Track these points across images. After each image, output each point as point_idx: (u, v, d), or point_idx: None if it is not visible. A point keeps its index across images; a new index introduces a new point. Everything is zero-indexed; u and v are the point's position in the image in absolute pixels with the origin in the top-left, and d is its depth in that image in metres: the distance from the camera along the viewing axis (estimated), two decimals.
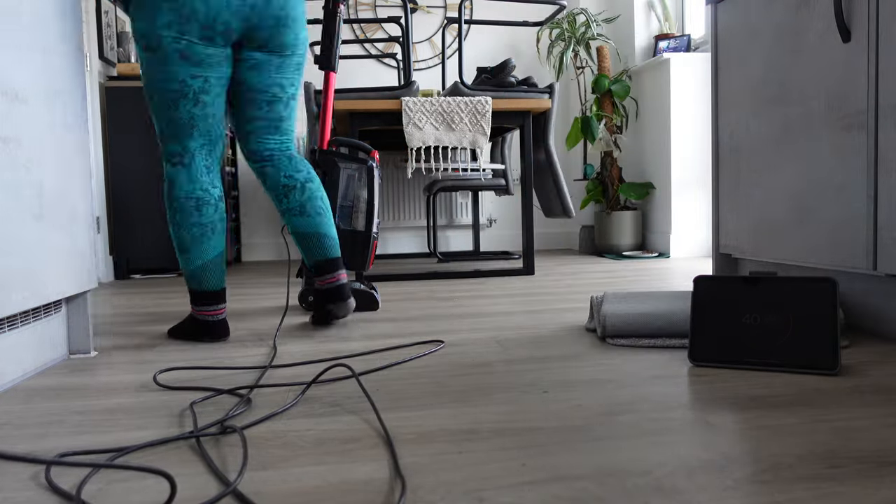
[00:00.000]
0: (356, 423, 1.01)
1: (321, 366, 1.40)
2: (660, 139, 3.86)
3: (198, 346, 1.62)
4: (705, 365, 1.29)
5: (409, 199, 4.43)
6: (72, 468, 0.86)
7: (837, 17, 1.49)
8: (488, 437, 0.93)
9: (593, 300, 1.70)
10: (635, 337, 1.52)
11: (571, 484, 0.77)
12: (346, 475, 0.82)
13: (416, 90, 2.96)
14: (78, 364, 1.47)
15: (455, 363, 1.38)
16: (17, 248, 1.28)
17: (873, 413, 0.99)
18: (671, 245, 3.73)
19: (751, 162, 1.85)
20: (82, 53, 1.57)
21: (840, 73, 1.52)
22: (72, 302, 1.56)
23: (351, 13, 4.34)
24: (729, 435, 0.91)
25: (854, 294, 1.62)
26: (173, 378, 1.32)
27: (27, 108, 1.33)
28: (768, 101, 1.77)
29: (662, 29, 4.10)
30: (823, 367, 1.20)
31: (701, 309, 1.33)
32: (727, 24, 1.94)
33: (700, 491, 0.74)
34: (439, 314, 2.00)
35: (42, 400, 1.19)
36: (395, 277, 2.96)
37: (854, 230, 1.50)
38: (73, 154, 1.51)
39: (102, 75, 3.36)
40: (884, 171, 1.42)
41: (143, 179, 3.37)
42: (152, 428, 1.02)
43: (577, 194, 4.53)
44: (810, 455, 0.84)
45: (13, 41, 1.29)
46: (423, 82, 4.46)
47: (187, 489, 0.79)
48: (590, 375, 1.25)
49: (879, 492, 0.73)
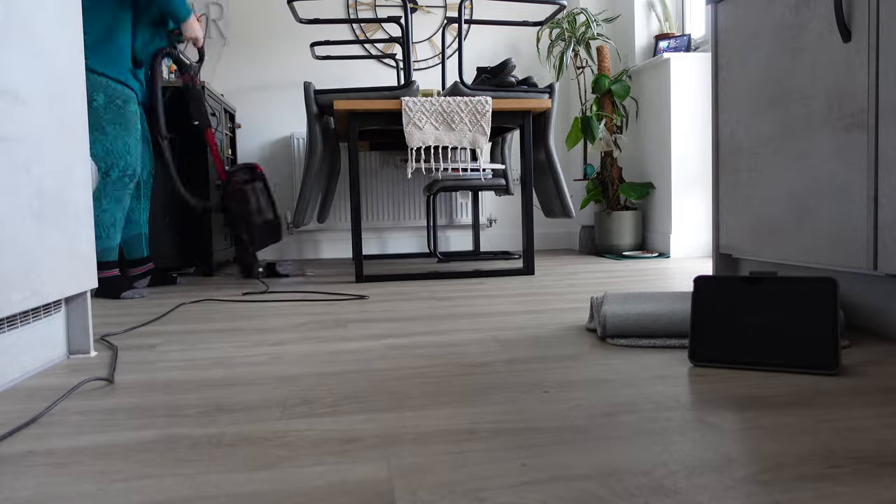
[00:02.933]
0: (356, 423, 1.01)
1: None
2: (660, 139, 3.86)
3: (198, 346, 1.62)
4: (705, 365, 1.29)
5: (409, 199, 4.43)
6: (71, 466, 0.86)
7: (838, 16, 1.49)
8: (488, 437, 0.93)
9: (593, 301, 1.70)
10: (635, 337, 1.52)
11: (571, 484, 0.77)
12: (346, 475, 0.82)
13: (416, 90, 2.96)
14: (78, 364, 1.47)
15: (455, 363, 1.38)
16: (16, 248, 1.28)
17: (873, 413, 0.99)
18: (671, 245, 3.73)
19: (751, 162, 1.85)
20: (82, 53, 1.57)
21: (840, 72, 1.52)
22: (72, 302, 1.56)
23: (351, 13, 4.34)
24: (729, 435, 0.91)
25: (854, 294, 1.62)
26: (174, 378, 1.32)
27: (27, 108, 1.33)
28: (768, 101, 1.77)
29: (662, 29, 4.10)
30: (823, 367, 1.20)
31: (701, 309, 1.33)
32: (727, 24, 1.94)
33: (700, 491, 0.74)
34: (439, 314, 2.00)
35: (42, 400, 1.19)
36: (395, 277, 2.96)
37: (854, 230, 1.49)
38: (73, 154, 1.51)
39: None
40: (884, 171, 1.42)
41: None
42: (152, 428, 1.02)
43: (577, 194, 4.53)
44: (810, 455, 0.83)
45: (13, 41, 1.29)
46: (423, 82, 4.46)
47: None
48: (590, 375, 1.25)
49: (879, 492, 0.73)
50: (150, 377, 1.34)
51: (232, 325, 1.92)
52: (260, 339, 1.70)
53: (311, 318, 2.00)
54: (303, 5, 4.25)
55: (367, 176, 4.37)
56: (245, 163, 3.07)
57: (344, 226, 4.41)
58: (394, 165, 4.39)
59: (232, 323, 1.96)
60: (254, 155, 4.37)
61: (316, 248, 4.46)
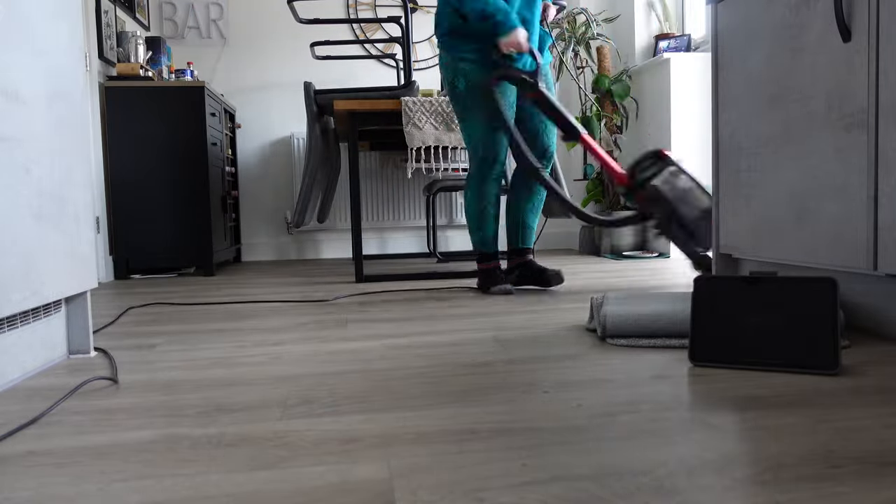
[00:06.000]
0: (356, 423, 1.01)
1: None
2: (660, 139, 3.86)
3: (198, 346, 1.62)
4: (705, 365, 1.29)
5: (409, 199, 4.43)
6: (71, 466, 0.86)
7: (838, 16, 1.49)
8: (488, 437, 0.93)
9: (593, 301, 1.70)
10: (635, 337, 1.52)
11: (571, 484, 0.77)
12: (346, 475, 0.82)
13: (416, 90, 2.96)
14: (78, 364, 1.47)
15: (455, 363, 1.38)
16: (16, 248, 1.28)
17: (873, 413, 0.99)
18: (671, 245, 3.72)
19: (751, 162, 1.85)
20: (82, 53, 1.57)
21: (840, 72, 1.52)
22: (71, 302, 1.56)
23: (351, 13, 4.34)
24: (729, 435, 0.91)
25: (854, 294, 1.62)
26: (174, 378, 1.32)
27: (27, 108, 1.33)
28: (768, 101, 1.77)
29: (662, 29, 4.10)
30: (823, 367, 1.20)
31: (701, 309, 1.33)
32: (727, 23, 1.94)
33: (700, 491, 0.74)
34: (439, 314, 2.00)
35: (42, 400, 1.19)
36: (395, 277, 2.95)
37: (854, 230, 1.49)
38: (72, 154, 1.51)
39: (102, 75, 3.36)
40: (884, 171, 1.42)
41: (142, 179, 3.38)
42: (152, 428, 1.02)
43: (577, 194, 4.53)
44: (810, 455, 0.83)
45: (13, 41, 1.29)
46: (423, 82, 4.46)
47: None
48: (590, 375, 1.25)
49: (879, 492, 0.73)
50: (151, 377, 1.34)
51: (232, 325, 1.93)
52: (260, 339, 1.70)
53: (311, 318, 2.00)
54: (303, 5, 4.25)
55: (367, 176, 4.37)
56: (646, 152, 2.34)
57: (344, 226, 4.41)
58: (394, 165, 4.39)
59: (232, 323, 1.96)
60: (254, 155, 4.37)
61: (316, 248, 4.46)
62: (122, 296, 2.69)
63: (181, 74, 3.64)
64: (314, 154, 3.20)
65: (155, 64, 3.63)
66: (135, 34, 3.51)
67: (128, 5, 3.73)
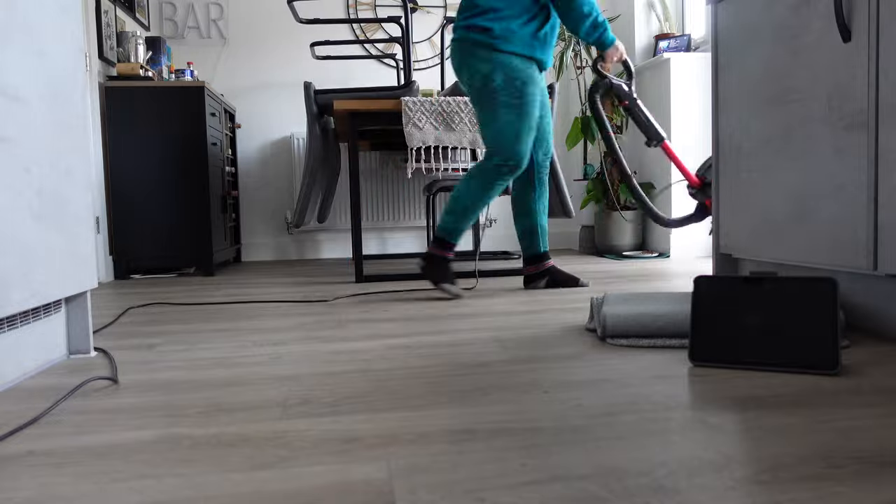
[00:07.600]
0: (356, 423, 1.01)
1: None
2: None
3: (198, 346, 1.62)
4: (705, 365, 1.29)
5: (409, 199, 4.43)
6: (71, 466, 0.86)
7: (838, 16, 1.49)
8: (488, 437, 0.93)
9: (593, 301, 1.70)
10: (635, 337, 1.52)
11: (571, 484, 0.77)
12: (346, 475, 0.82)
13: (416, 90, 2.96)
14: (78, 364, 1.47)
15: (454, 363, 1.38)
16: (16, 248, 1.28)
17: (873, 413, 0.99)
18: (671, 245, 3.73)
19: (751, 162, 1.85)
20: (82, 53, 1.57)
21: (840, 72, 1.52)
22: (71, 302, 1.56)
23: (351, 13, 4.34)
24: (729, 435, 0.91)
25: (854, 294, 1.62)
26: (174, 378, 1.32)
27: (27, 108, 1.33)
28: (768, 101, 1.77)
29: (662, 29, 4.10)
30: (823, 367, 1.20)
31: (701, 309, 1.33)
32: (727, 23, 1.94)
33: (700, 491, 0.74)
34: (439, 314, 2.00)
35: (42, 400, 1.19)
36: (395, 277, 2.96)
37: (854, 230, 1.49)
38: (72, 154, 1.51)
39: (102, 75, 3.35)
40: (884, 171, 1.42)
41: (143, 179, 3.37)
42: (152, 428, 1.02)
43: (577, 194, 4.53)
44: (810, 455, 0.83)
45: (13, 41, 1.29)
46: (423, 82, 4.46)
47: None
48: (590, 375, 1.25)
49: (879, 492, 0.73)
50: (151, 377, 1.34)
51: (232, 325, 1.93)
52: (260, 339, 1.71)
53: (311, 318, 2.00)
54: (303, 5, 4.25)
55: (367, 176, 4.37)
56: (710, 158, 2.42)
57: (344, 226, 4.41)
58: (394, 165, 4.39)
59: (232, 323, 1.96)
60: (254, 155, 4.37)
61: (316, 248, 4.46)
62: (122, 296, 2.69)
63: (181, 74, 3.64)
64: (314, 154, 3.20)
65: (155, 64, 3.63)
66: (135, 34, 3.51)
67: (128, 5, 3.73)
